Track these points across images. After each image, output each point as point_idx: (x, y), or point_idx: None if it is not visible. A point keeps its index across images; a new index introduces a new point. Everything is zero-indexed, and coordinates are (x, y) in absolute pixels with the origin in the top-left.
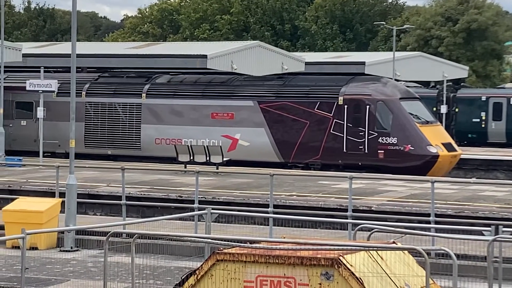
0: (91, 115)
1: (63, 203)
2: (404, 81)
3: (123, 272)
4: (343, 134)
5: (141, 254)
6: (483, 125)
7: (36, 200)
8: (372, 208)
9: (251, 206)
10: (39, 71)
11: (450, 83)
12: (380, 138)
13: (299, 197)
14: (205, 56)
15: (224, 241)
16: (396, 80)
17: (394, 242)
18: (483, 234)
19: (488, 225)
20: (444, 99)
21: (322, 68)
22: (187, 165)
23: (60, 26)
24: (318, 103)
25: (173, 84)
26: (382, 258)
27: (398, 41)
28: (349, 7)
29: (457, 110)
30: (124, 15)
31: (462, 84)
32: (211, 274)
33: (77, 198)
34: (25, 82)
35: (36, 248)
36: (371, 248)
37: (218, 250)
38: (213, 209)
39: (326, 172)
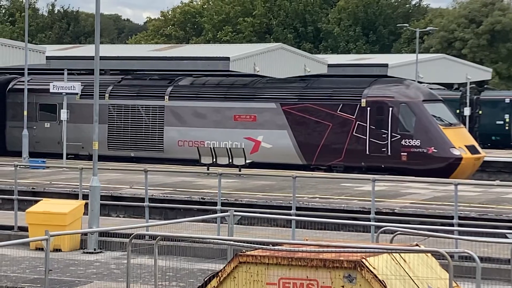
0: (114, 117)
1: (86, 205)
2: (427, 83)
3: (146, 274)
4: (366, 136)
5: (164, 256)
6: (506, 127)
7: (60, 202)
8: (395, 211)
9: (273, 208)
10: (62, 74)
11: (474, 85)
12: (403, 140)
13: (321, 199)
14: (227, 58)
15: (247, 243)
16: (419, 82)
17: (417, 245)
18: (506, 237)
19: None
20: (468, 101)
21: (345, 70)
22: (209, 167)
23: (83, 28)
24: (341, 105)
25: (196, 86)
26: (405, 260)
27: (421, 43)
28: (372, 9)
29: (480, 112)
30: (147, 17)
31: (485, 86)
32: (233, 276)
33: (100, 200)
34: (49, 85)
35: (59, 250)
36: (394, 251)
37: (241, 252)
38: (235, 211)
39: (349, 174)
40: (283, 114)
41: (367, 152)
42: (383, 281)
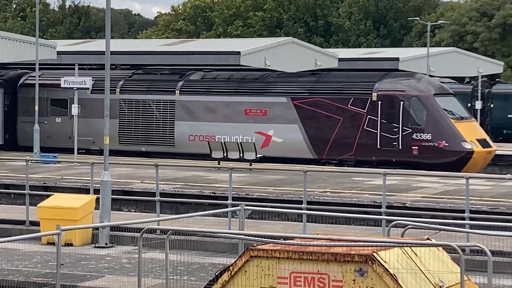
0: (125, 112)
1: (97, 199)
2: (438, 77)
3: (157, 268)
4: (377, 130)
5: (175, 250)
6: None
7: (71, 197)
8: (406, 205)
9: (284, 202)
10: (73, 69)
11: (485, 78)
12: (414, 134)
13: (332, 194)
14: (238, 53)
15: (258, 237)
16: (430, 76)
17: (428, 239)
18: None
19: None
20: (479, 94)
21: (356, 64)
22: (220, 161)
23: (94, 23)
24: (352, 99)
25: (207, 80)
26: (416, 254)
27: (433, 36)
28: (383, 2)
29: (492, 106)
30: (157, 12)
31: (497, 79)
32: (244, 270)
33: (112, 194)
34: (60, 80)
35: (71, 244)
36: (405, 245)
37: (252, 246)
38: (246, 205)
39: (360, 168)
40: (294, 108)
41: (378, 146)
42: (394, 275)
